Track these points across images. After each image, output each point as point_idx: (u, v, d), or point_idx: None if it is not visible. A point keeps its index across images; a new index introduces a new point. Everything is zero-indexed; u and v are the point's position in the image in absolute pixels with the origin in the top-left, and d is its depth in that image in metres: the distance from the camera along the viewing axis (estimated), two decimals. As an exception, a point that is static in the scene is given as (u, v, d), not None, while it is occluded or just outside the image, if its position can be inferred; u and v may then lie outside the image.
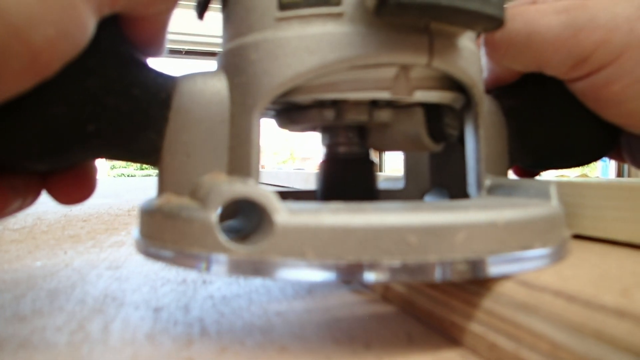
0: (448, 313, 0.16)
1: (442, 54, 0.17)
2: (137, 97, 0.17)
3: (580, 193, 0.20)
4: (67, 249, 0.31)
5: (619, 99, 0.20)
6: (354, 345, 0.15)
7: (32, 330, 0.16)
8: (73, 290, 0.21)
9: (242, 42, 0.18)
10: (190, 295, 0.21)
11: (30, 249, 0.31)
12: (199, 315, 0.18)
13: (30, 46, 0.12)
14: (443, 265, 0.13)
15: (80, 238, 0.36)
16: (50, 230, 0.40)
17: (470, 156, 0.20)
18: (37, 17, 0.12)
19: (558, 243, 0.16)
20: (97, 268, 0.26)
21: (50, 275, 0.24)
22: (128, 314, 0.18)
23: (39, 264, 0.27)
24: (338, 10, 0.16)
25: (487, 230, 0.14)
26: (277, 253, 0.13)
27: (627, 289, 0.12)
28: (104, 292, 0.21)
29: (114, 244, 0.34)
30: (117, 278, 0.24)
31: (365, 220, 0.13)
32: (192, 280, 0.23)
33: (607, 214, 0.19)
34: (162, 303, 0.19)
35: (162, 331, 0.16)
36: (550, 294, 0.13)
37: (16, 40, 0.12)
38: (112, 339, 0.16)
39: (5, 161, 0.16)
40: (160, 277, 0.24)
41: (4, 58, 0.12)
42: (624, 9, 0.19)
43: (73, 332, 0.16)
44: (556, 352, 0.12)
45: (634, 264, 0.15)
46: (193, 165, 0.18)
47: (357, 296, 0.20)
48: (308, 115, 0.20)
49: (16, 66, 0.12)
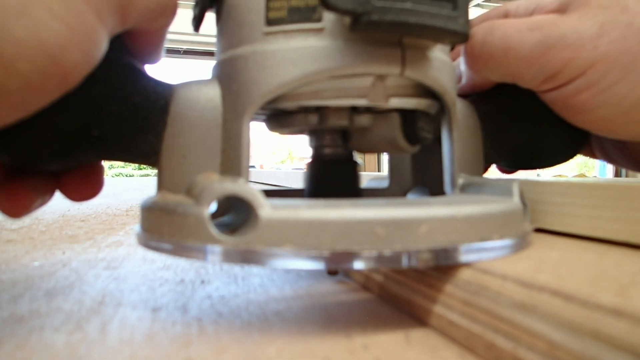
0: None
1: (413, 64, 0.19)
2: (138, 104, 0.19)
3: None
4: (65, 249, 0.32)
5: (585, 107, 0.23)
6: (343, 335, 0.16)
7: (30, 331, 0.16)
8: (71, 290, 0.21)
9: (234, 53, 0.20)
10: (189, 295, 0.21)
11: (28, 249, 0.31)
12: (198, 315, 0.18)
13: (62, 68, 0.15)
14: (409, 254, 0.15)
15: (78, 238, 0.36)
16: (48, 230, 0.40)
17: (446, 157, 0.22)
18: (68, 44, 0.15)
19: (517, 235, 0.18)
20: (95, 268, 0.26)
21: (48, 275, 0.24)
22: (126, 314, 0.18)
23: (36, 264, 0.27)
24: (319, 26, 0.18)
25: (448, 224, 0.16)
26: (262, 243, 0.15)
27: (624, 288, 0.12)
28: (102, 292, 0.21)
29: (112, 244, 0.34)
30: (115, 278, 0.24)
31: (338, 214, 0.15)
32: (190, 280, 0.23)
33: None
34: (160, 303, 0.19)
35: (160, 331, 0.16)
36: (547, 294, 0.13)
37: (52, 64, 0.14)
38: (110, 339, 0.16)
39: (23, 163, 0.18)
40: (159, 277, 0.24)
41: (42, 79, 0.14)
42: (589, 28, 0.21)
43: (71, 332, 0.16)
44: (554, 352, 0.12)
45: (631, 264, 0.15)
46: (189, 166, 0.20)
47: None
48: (294, 120, 0.22)
49: (51, 85, 0.15)
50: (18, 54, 0.14)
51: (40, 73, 0.14)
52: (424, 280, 0.18)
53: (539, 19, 0.23)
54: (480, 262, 0.16)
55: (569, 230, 0.21)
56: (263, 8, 0.19)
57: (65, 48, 0.14)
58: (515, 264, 0.16)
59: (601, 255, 0.17)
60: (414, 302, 0.18)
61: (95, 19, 0.15)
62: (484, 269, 0.16)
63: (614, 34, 0.21)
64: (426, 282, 0.18)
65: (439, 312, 0.16)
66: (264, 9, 0.19)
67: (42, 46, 0.14)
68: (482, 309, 0.14)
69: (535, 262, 0.16)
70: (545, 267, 0.15)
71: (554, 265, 0.15)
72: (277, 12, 0.19)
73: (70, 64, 0.15)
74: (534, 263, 0.16)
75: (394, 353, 0.15)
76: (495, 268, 0.15)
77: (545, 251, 0.18)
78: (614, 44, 0.21)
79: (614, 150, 0.29)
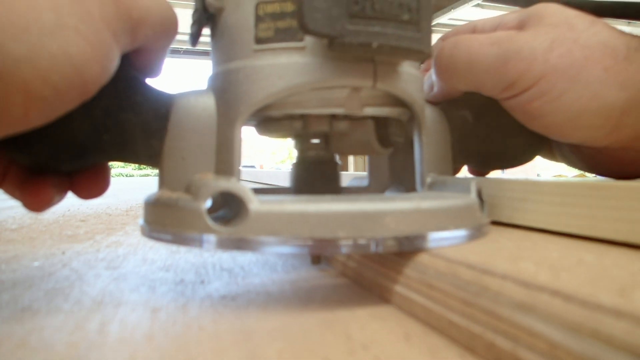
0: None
1: (384, 78, 0.22)
2: (142, 112, 0.22)
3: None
4: (65, 249, 0.32)
5: (539, 114, 0.25)
6: (343, 335, 0.16)
7: (30, 331, 0.16)
8: (71, 290, 0.21)
9: (227, 67, 0.23)
10: (189, 295, 0.21)
11: (28, 249, 0.31)
12: (197, 315, 0.18)
13: (85, 79, 0.17)
14: (376, 241, 0.18)
15: (78, 238, 0.36)
16: (48, 231, 0.40)
17: (416, 158, 0.25)
18: (90, 59, 0.17)
19: (472, 226, 0.21)
20: (95, 268, 0.26)
21: (48, 276, 0.24)
22: (126, 314, 0.18)
23: (36, 264, 0.27)
24: (301, 44, 0.21)
25: (409, 216, 0.19)
26: (251, 233, 0.18)
27: (624, 288, 0.12)
28: (102, 292, 0.21)
29: (112, 244, 0.34)
30: (115, 278, 0.24)
31: (316, 207, 0.18)
32: (190, 280, 0.23)
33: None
34: (160, 303, 0.20)
35: (160, 331, 0.16)
36: (547, 294, 0.13)
37: (77, 75, 0.17)
38: (110, 339, 0.16)
39: (43, 164, 0.21)
40: (159, 277, 0.24)
41: (68, 88, 0.17)
42: (541, 44, 0.24)
43: (71, 333, 0.16)
44: (554, 352, 0.12)
45: (631, 264, 0.15)
46: (187, 166, 0.22)
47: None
48: (281, 126, 0.25)
49: (74, 94, 0.17)
50: (51, 66, 0.16)
51: (67, 83, 0.17)
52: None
53: (499, 35, 0.26)
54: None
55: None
56: (253, 28, 0.22)
57: (88, 62, 0.17)
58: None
59: (601, 255, 0.17)
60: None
61: (112, 39, 0.18)
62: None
63: (562, 49, 0.24)
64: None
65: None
66: (254, 29, 0.22)
67: (70, 60, 0.17)
68: (482, 309, 0.15)
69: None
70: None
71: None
72: (265, 32, 0.22)
73: (91, 76, 0.18)
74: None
75: (394, 353, 0.15)
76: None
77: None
78: (562, 58, 0.24)
79: (570, 153, 0.31)
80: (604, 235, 0.20)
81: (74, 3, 0.17)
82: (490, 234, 0.22)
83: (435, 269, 0.18)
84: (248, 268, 0.26)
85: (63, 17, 0.16)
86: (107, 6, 0.18)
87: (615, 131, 0.25)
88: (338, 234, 0.18)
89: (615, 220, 0.19)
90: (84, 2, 0.17)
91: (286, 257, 0.27)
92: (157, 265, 0.27)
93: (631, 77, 0.24)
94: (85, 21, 0.17)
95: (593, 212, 0.20)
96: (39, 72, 0.16)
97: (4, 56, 0.15)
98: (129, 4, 0.19)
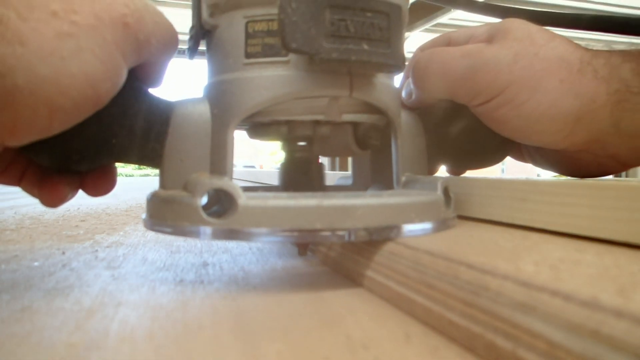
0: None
1: (360, 88, 0.25)
2: (145, 118, 0.25)
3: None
4: (65, 249, 0.32)
5: (504, 119, 0.29)
6: (343, 335, 0.17)
7: (30, 331, 0.16)
8: (71, 290, 0.22)
9: (220, 78, 0.26)
10: (189, 295, 0.21)
11: (28, 249, 0.31)
12: (197, 315, 0.18)
13: (98, 93, 0.21)
14: (349, 231, 0.21)
15: (78, 238, 0.36)
16: (48, 231, 0.40)
17: (393, 159, 0.28)
18: (103, 77, 0.21)
19: (436, 220, 0.24)
20: (95, 268, 0.26)
21: (48, 276, 0.24)
22: (126, 314, 0.18)
23: (36, 264, 0.27)
24: (285, 59, 0.24)
25: (378, 210, 0.22)
26: (240, 224, 0.21)
27: (624, 288, 0.12)
28: (102, 292, 0.21)
29: (112, 244, 0.34)
30: (116, 278, 0.24)
31: (296, 203, 0.21)
32: (190, 280, 0.23)
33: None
34: (160, 303, 0.20)
35: (160, 331, 0.16)
36: (547, 294, 0.13)
37: (92, 90, 0.20)
38: (110, 339, 0.16)
39: (59, 165, 0.25)
40: (159, 277, 0.24)
41: (84, 101, 0.20)
42: (506, 56, 0.28)
43: (71, 333, 0.16)
44: (553, 352, 0.12)
45: (631, 264, 0.15)
46: (185, 167, 0.25)
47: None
48: (269, 130, 0.28)
49: (89, 105, 0.21)
50: (71, 84, 0.19)
51: (84, 97, 0.20)
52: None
53: (470, 48, 0.29)
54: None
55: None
56: (243, 44, 0.25)
57: (102, 79, 0.21)
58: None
59: (601, 255, 0.17)
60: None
61: (121, 58, 0.21)
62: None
63: (525, 61, 0.27)
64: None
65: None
66: (244, 45, 0.25)
67: (87, 79, 0.20)
68: (482, 309, 0.15)
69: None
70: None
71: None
72: (254, 48, 0.25)
73: (103, 90, 0.21)
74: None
75: (394, 353, 0.15)
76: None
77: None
78: (524, 70, 0.27)
79: (535, 155, 0.35)
80: (604, 235, 0.20)
81: (91, 30, 0.20)
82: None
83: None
84: (248, 268, 0.26)
85: (81, 42, 0.20)
86: (117, 31, 0.21)
87: (570, 135, 0.28)
88: (316, 225, 0.21)
89: (615, 220, 0.20)
90: (99, 28, 0.20)
91: (286, 259, 0.30)
92: (157, 265, 0.27)
93: (584, 88, 0.27)
94: (100, 45, 0.20)
95: (593, 212, 0.21)
96: (61, 89, 0.19)
97: (34, 76, 0.18)
98: (135, 28, 0.22)
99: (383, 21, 0.23)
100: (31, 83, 0.18)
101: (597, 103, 0.27)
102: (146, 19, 0.22)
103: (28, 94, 0.18)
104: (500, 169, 4.24)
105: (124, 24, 0.21)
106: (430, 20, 1.46)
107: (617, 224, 0.19)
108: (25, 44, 0.18)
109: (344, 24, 0.22)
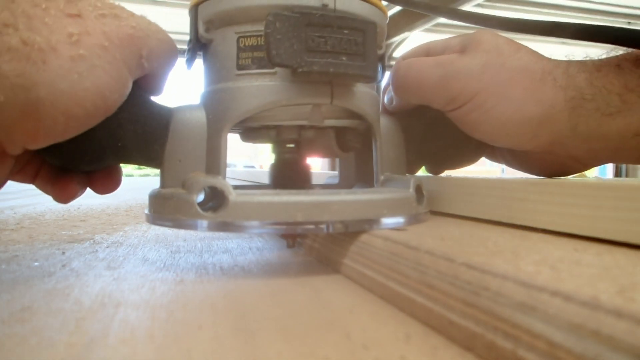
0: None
1: (340, 96, 0.28)
2: (148, 123, 0.28)
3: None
4: (65, 249, 0.32)
5: (475, 124, 0.31)
6: (343, 335, 0.17)
7: (30, 331, 0.16)
8: (71, 290, 0.22)
9: (215, 87, 0.29)
10: (189, 295, 0.21)
11: (28, 249, 0.31)
12: (197, 315, 0.18)
13: (107, 103, 0.24)
14: (327, 223, 0.24)
15: (78, 238, 0.36)
16: (48, 231, 0.40)
17: (373, 160, 0.31)
18: (112, 89, 0.24)
19: (407, 215, 0.27)
20: (95, 268, 0.26)
21: (48, 276, 0.24)
22: (126, 314, 0.18)
23: (36, 264, 0.27)
24: (273, 71, 0.27)
25: (352, 205, 0.25)
26: (231, 218, 0.24)
27: (624, 288, 0.12)
28: (102, 292, 0.21)
29: (112, 244, 0.34)
30: (116, 278, 0.24)
31: (279, 199, 0.24)
32: (190, 280, 0.23)
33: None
34: (160, 303, 0.20)
35: (160, 331, 0.16)
36: (547, 294, 0.13)
37: (102, 101, 0.23)
38: (110, 339, 0.16)
39: (70, 165, 0.27)
40: (159, 277, 0.24)
41: (95, 111, 0.23)
42: (476, 66, 0.30)
43: (71, 333, 0.16)
44: (554, 352, 0.12)
45: (631, 264, 0.15)
46: (183, 167, 0.28)
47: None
48: (259, 134, 0.32)
49: (99, 114, 0.24)
50: (85, 96, 0.23)
51: (95, 107, 0.23)
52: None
53: (444, 58, 0.32)
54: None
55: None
56: (235, 57, 0.28)
57: (110, 92, 0.24)
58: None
59: (601, 255, 0.17)
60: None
61: (127, 73, 0.25)
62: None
63: (492, 71, 0.30)
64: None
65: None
66: (236, 57, 0.28)
67: (99, 92, 0.23)
68: (482, 309, 0.15)
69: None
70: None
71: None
72: (245, 60, 0.28)
73: (112, 101, 0.24)
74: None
75: (394, 353, 0.15)
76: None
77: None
78: (492, 79, 0.30)
79: (507, 155, 0.38)
80: (604, 235, 0.20)
81: (102, 50, 0.23)
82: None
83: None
84: (248, 269, 0.26)
85: (94, 61, 0.23)
86: (125, 49, 0.24)
87: (535, 138, 0.31)
88: (297, 218, 0.24)
89: (615, 220, 0.20)
90: (109, 49, 0.23)
91: (278, 251, 0.32)
92: (157, 265, 0.27)
93: (544, 95, 0.30)
94: (110, 62, 0.23)
95: (593, 212, 0.21)
96: (77, 101, 0.22)
97: (54, 90, 0.21)
98: (140, 45, 0.25)
99: (359, 37, 0.26)
100: (52, 95, 0.21)
101: (556, 109, 0.29)
102: (150, 37, 0.26)
103: (49, 105, 0.21)
104: (500, 169, 4.26)
105: (130, 44, 0.24)
106: (430, 21, 1.46)
107: (617, 224, 0.19)
108: (47, 63, 0.21)
109: (323, 40, 0.25)
